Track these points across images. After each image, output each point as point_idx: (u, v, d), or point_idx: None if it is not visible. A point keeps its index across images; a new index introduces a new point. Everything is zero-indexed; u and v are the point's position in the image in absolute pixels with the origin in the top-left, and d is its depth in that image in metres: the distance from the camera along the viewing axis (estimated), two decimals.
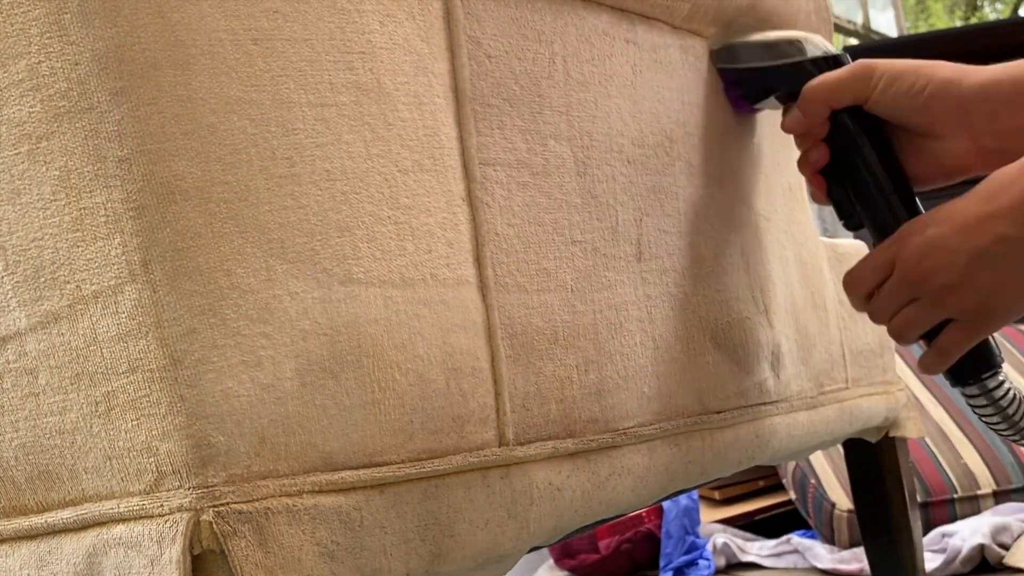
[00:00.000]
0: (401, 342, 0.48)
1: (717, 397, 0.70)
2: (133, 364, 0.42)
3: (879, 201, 0.68)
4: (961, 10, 6.12)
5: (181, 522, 0.41)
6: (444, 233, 0.51)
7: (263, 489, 0.43)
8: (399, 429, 0.48)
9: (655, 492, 0.65)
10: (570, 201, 0.59)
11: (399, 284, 0.48)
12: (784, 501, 1.85)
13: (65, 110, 0.42)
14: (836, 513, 1.65)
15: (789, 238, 0.84)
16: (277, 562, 0.42)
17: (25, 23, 0.42)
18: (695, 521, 1.72)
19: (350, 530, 0.45)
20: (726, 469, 0.72)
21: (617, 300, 0.62)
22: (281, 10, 0.45)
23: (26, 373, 0.45)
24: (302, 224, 0.45)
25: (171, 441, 0.42)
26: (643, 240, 0.64)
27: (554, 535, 0.58)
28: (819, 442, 0.87)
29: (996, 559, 1.50)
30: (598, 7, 0.63)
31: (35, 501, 0.47)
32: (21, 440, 0.46)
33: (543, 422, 0.55)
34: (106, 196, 0.42)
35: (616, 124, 0.63)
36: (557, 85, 0.59)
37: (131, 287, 0.42)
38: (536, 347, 0.55)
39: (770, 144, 0.83)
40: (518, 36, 0.57)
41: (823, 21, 0.88)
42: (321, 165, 0.46)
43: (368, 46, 0.48)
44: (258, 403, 0.43)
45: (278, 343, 0.44)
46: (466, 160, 0.53)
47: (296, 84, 0.46)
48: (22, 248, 0.44)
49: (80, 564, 0.44)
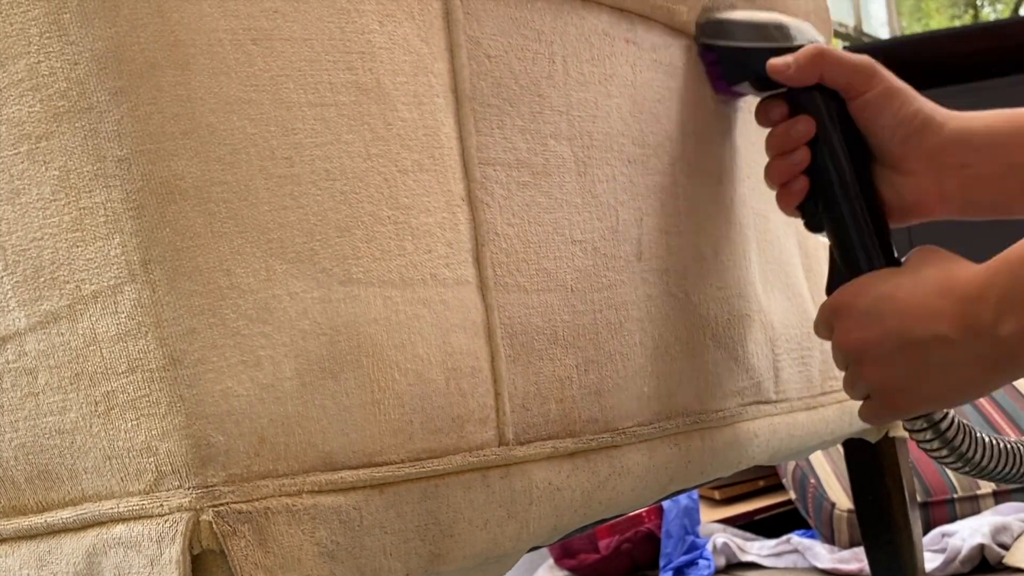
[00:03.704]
0: (401, 342, 0.48)
1: (717, 397, 0.70)
2: (133, 364, 0.42)
3: (849, 221, 0.65)
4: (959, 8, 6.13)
5: (181, 522, 0.41)
6: (444, 233, 0.51)
7: (263, 489, 0.43)
8: (399, 429, 0.48)
9: (655, 492, 0.65)
10: (570, 201, 0.59)
11: (399, 284, 0.48)
12: (784, 501, 1.85)
13: (64, 110, 0.42)
14: (836, 513, 1.65)
15: (788, 237, 0.85)
16: (277, 562, 0.42)
17: (25, 23, 0.42)
18: (695, 521, 1.72)
19: (350, 530, 0.45)
20: (726, 469, 0.72)
21: (617, 300, 0.62)
22: (281, 10, 0.45)
23: (26, 373, 0.45)
24: (302, 224, 0.45)
25: (171, 441, 0.42)
26: (643, 240, 0.64)
27: (554, 535, 0.58)
28: (819, 442, 0.87)
29: (996, 559, 1.50)
30: (598, 7, 0.63)
31: (35, 501, 0.47)
32: (21, 440, 0.46)
33: (543, 422, 0.55)
34: (106, 196, 0.42)
35: (616, 124, 0.63)
36: (557, 85, 0.59)
37: (131, 287, 0.42)
38: (536, 347, 0.55)
39: None
40: (518, 36, 0.57)
41: (822, 21, 0.88)
42: (321, 165, 0.46)
43: (368, 46, 0.48)
44: (258, 403, 0.43)
45: (278, 343, 0.44)
46: (466, 160, 0.53)
47: (296, 84, 0.46)
48: (22, 248, 0.44)
49: (80, 564, 0.44)
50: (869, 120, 0.65)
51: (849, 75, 0.65)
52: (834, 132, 0.65)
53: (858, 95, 0.65)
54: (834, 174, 0.65)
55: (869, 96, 0.65)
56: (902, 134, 0.64)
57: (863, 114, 0.65)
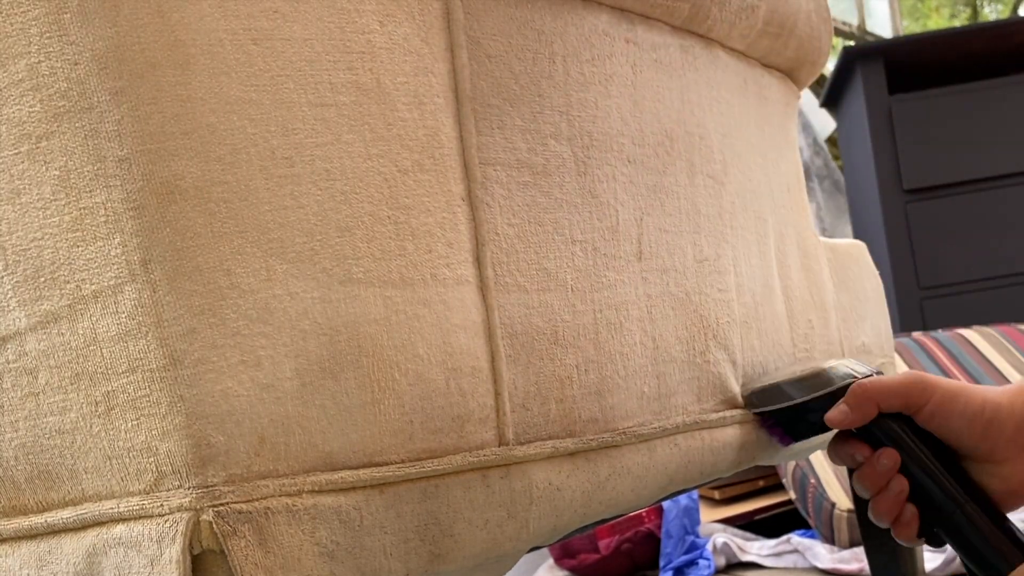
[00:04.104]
0: (401, 342, 0.48)
1: (717, 397, 0.70)
2: (133, 364, 0.42)
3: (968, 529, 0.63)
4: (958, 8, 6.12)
5: (181, 522, 0.41)
6: (444, 233, 0.51)
7: (263, 489, 0.43)
8: (399, 429, 0.48)
9: (655, 492, 0.65)
10: (570, 201, 0.59)
11: (399, 284, 0.48)
12: (784, 501, 1.85)
13: (65, 110, 0.42)
14: (836, 513, 1.65)
15: (789, 238, 0.85)
16: (277, 562, 0.42)
17: (25, 23, 0.42)
18: (695, 521, 1.72)
19: (350, 530, 0.45)
20: (726, 469, 0.72)
21: (617, 300, 0.62)
22: (281, 10, 0.45)
23: (26, 373, 0.45)
24: (302, 224, 0.45)
25: (171, 441, 0.42)
26: (643, 239, 0.64)
27: (554, 535, 0.58)
28: (819, 442, 0.87)
29: None
30: (598, 7, 0.63)
31: (35, 501, 0.47)
32: (21, 440, 0.46)
33: (543, 422, 0.55)
34: (106, 196, 0.42)
35: (616, 124, 0.63)
36: (557, 85, 0.59)
37: (131, 287, 0.42)
38: (536, 347, 0.55)
39: (770, 145, 0.83)
40: (518, 36, 0.57)
41: (823, 20, 0.88)
42: (321, 165, 0.46)
43: (368, 46, 0.48)
44: (258, 403, 0.43)
45: (278, 343, 0.44)
46: (466, 160, 0.53)
47: (296, 84, 0.46)
48: (22, 248, 0.44)
49: (80, 564, 0.44)
50: (942, 427, 0.65)
51: (903, 397, 0.65)
52: (918, 450, 0.65)
53: (920, 408, 0.65)
54: (936, 490, 0.65)
55: (931, 407, 0.64)
56: (979, 429, 0.64)
57: (933, 423, 0.65)
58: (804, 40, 0.85)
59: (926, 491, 0.65)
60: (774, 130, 0.85)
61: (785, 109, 0.88)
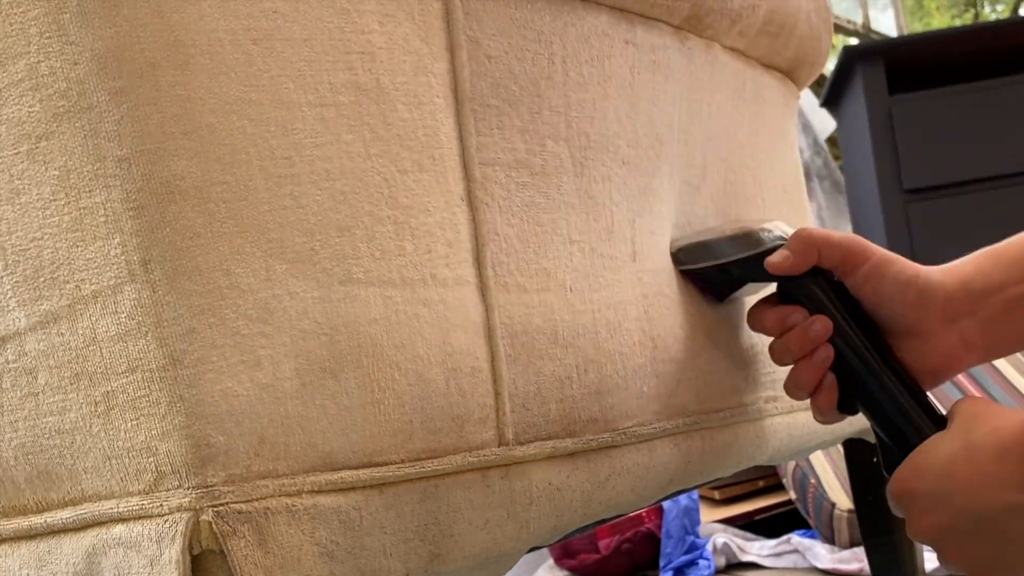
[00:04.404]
0: (401, 342, 0.48)
1: (716, 397, 0.70)
2: (133, 364, 0.42)
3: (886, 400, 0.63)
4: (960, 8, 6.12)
5: (180, 522, 0.41)
6: (444, 233, 0.51)
7: (263, 489, 0.43)
8: (399, 429, 0.48)
9: (655, 492, 0.65)
10: (568, 201, 0.59)
11: (399, 284, 0.48)
12: (784, 501, 1.85)
13: (64, 110, 0.42)
14: (836, 513, 1.65)
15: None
16: (277, 562, 0.42)
17: (24, 23, 0.42)
18: (695, 521, 1.72)
19: (350, 530, 0.45)
20: (726, 469, 0.72)
21: (615, 299, 0.62)
22: (281, 10, 0.45)
23: (25, 373, 0.45)
24: (301, 224, 0.45)
25: (170, 441, 0.42)
26: (636, 240, 0.65)
27: (554, 535, 0.58)
28: (819, 442, 0.87)
29: None
30: (597, 7, 0.63)
31: (35, 501, 0.47)
32: (21, 440, 0.46)
33: (543, 422, 0.55)
34: (105, 196, 0.42)
35: (613, 125, 0.63)
36: (556, 85, 0.59)
37: (131, 287, 0.42)
38: (536, 347, 0.55)
39: (764, 146, 0.83)
40: (517, 36, 0.57)
41: (823, 20, 0.88)
42: (320, 165, 0.46)
43: (367, 46, 0.49)
44: (257, 403, 0.43)
45: (277, 343, 0.44)
46: (466, 160, 0.53)
47: (295, 84, 0.46)
48: (22, 248, 0.44)
49: (80, 564, 0.44)
50: (872, 292, 0.64)
51: (843, 250, 0.64)
52: (846, 318, 0.64)
53: (855, 269, 0.64)
54: (857, 361, 0.64)
55: (867, 268, 0.63)
56: (911, 297, 0.63)
57: (865, 288, 0.64)
58: (804, 40, 0.85)
59: (847, 361, 0.64)
60: (770, 131, 0.85)
61: (784, 109, 0.88)
